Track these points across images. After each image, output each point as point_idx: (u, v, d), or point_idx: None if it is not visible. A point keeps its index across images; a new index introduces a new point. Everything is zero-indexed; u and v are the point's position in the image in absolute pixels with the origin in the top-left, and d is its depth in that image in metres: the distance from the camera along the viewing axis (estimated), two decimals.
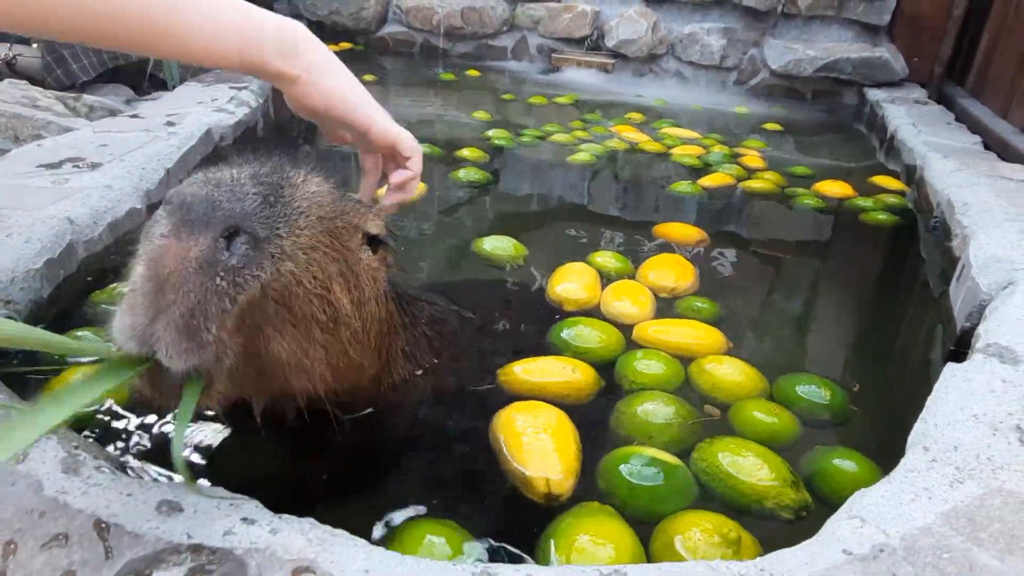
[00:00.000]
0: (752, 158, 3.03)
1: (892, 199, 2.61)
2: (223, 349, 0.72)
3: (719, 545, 0.91)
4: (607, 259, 1.88)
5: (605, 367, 1.39)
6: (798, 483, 1.07)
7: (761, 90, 4.23)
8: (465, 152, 2.69)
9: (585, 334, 1.47)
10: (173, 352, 0.68)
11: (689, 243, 2.07)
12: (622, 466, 1.07)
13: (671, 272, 1.80)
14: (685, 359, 1.43)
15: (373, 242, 0.99)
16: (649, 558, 0.93)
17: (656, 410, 1.21)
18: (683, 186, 2.57)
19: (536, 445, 1.08)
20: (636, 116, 3.62)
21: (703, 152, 3.03)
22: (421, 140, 1.27)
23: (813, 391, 1.31)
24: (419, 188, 2.26)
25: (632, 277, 1.82)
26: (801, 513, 1.03)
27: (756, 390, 1.33)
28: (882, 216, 2.46)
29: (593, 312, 1.62)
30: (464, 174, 2.49)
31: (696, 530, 0.93)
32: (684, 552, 0.91)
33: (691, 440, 1.18)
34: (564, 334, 1.47)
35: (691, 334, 1.52)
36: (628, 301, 1.64)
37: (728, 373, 1.35)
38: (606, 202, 2.50)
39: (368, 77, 4.04)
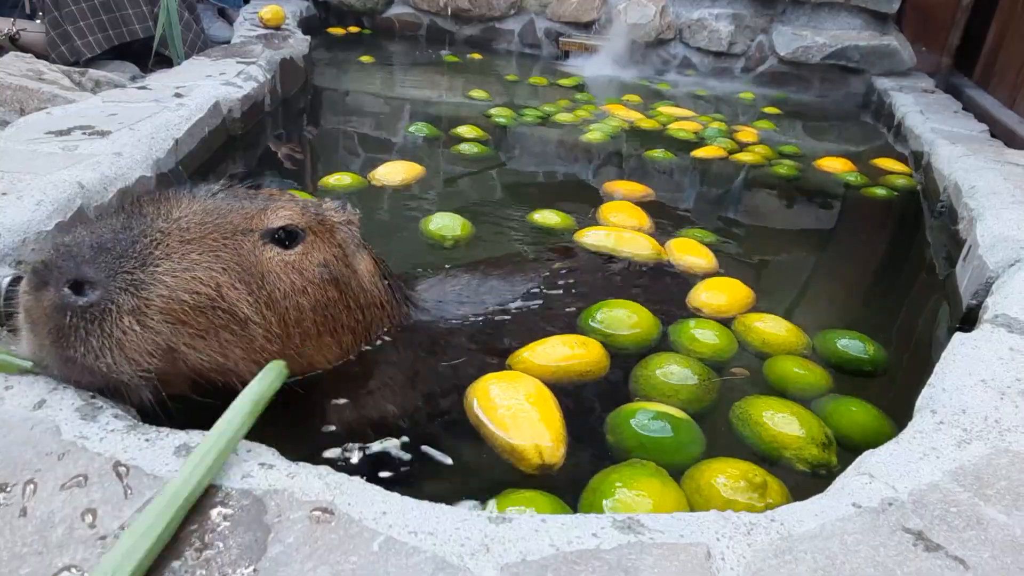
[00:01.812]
0: (747, 134, 3.11)
1: (900, 180, 2.65)
2: (119, 370, 0.87)
3: (745, 489, 0.93)
4: (545, 216, 1.97)
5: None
6: (829, 446, 1.09)
7: (769, 77, 4.22)
8: (463, 130, 2.72)
9: (619, 317, 1.39)
10: (59, 373, 0.88)
11: (634, 197, 2.24)
12: (631, 420, 1.08)
13: (630, 216, 1.99)
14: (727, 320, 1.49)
15: (286, 235, 1.02)
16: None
17: (675, 372, 1.22)
18: (656, 153, 2.73)
19: (522, 416, 1.05)
20: (633, 98, 3.62)
21: (700, 128, 3.13)
22: (422, 120, 1.27)
23: (855, 345, 1.37)
24: (417, 170, 2.28)
25: (578, 228, 1.91)
26: (820, 471, 1.05)
27: (800, 344, 1.40)
28: (880, 191, 2.54)
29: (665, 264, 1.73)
30: (466, 147, 2.56)
31: (723, 476, 0.95)
32: (712, 496, 0.93)
33: (708, 399, 1.20)
34: (597, 317, 1.40)
35: (734, 295, 1.56)
36: (694, 255, 1.79)
37: (774, 329, 1.41)
38: (590, 172, 2.58)
39: (365, 59, 3.99)
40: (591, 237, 1.84)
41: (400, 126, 2.78)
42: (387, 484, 0.78)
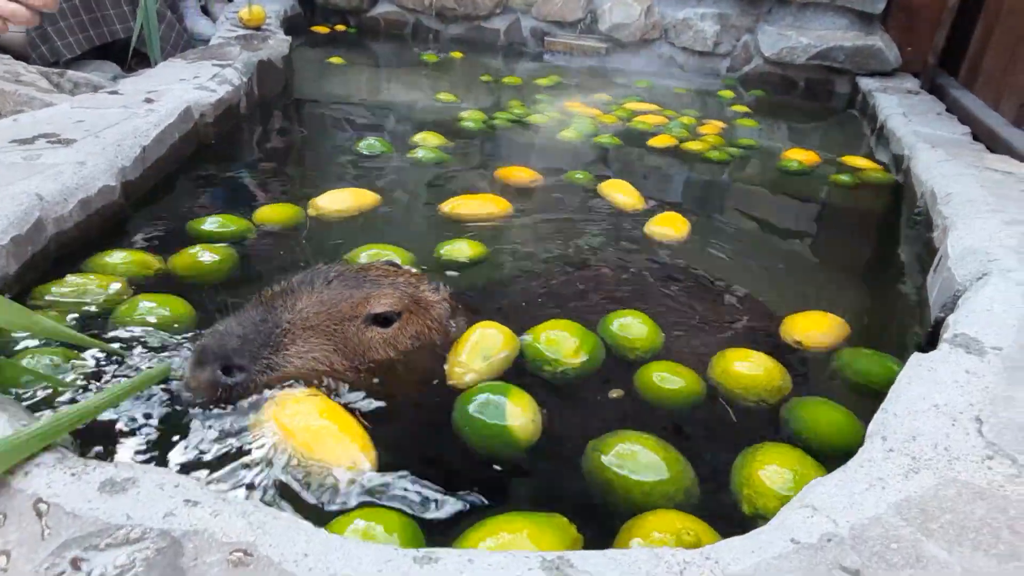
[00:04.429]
0: (710, 127, 3.20)
1: (876, 175, 2.72)
2: None
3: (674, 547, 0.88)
4: (459, 247, 1.80)
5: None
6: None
7: (754, 76, 4.20)
8: (426, 137, 2.65)
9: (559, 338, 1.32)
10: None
11: (524, 182, 2.39)
12: (470, 405, 1.13)
13: (492, 202, 2.14)
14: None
15: (384, 318, 1.23)
16: None
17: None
18: (605, 139, 2.92)
19: (325, 433, 1.04)
20: (603, 96, 3.61)
21: (665, 122, 3.21)
22: (406, 124, 1.26)
23: (881, 365, 1.34)
24: (368, 199, 2.09)
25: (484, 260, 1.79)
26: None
27: (784, 382, 1.28)
28: (844, 177, 2.68)
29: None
30: (423, 154, 2.50)
31: (656, 532, 0.90)
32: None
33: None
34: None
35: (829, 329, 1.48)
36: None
37: (752, 368, 1.28)
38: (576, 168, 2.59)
39: (335, 60, 3.87)
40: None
41: (369, 134, 2.67)
42: None
